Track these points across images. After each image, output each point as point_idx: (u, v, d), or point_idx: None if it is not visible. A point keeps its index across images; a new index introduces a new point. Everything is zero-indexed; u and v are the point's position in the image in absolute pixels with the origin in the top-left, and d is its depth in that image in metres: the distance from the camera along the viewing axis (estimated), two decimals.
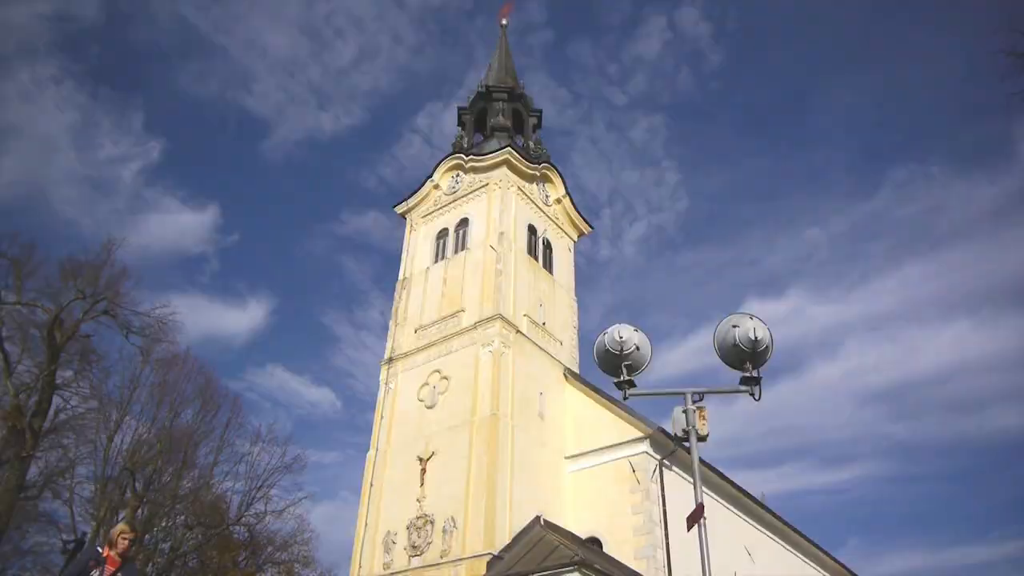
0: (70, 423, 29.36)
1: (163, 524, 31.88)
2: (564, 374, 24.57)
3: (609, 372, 8.89)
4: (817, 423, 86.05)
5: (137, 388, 32.37)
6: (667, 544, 20.39)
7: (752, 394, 8.59)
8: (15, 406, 26.61)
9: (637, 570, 19.71)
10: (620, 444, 21.97)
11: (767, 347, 8.62)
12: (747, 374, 8.63)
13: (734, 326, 8.58)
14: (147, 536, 31.08)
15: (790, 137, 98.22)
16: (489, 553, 18.57)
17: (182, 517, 32.31)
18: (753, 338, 8.35)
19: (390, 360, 24.80)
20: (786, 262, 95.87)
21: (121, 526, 6.32)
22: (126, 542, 6.21)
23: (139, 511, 30.31)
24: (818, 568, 31.43)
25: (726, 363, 8.77)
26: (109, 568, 6.07)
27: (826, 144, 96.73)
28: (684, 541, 19.52)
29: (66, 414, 29.08)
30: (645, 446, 21.65)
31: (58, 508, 30.17)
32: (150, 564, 29.06)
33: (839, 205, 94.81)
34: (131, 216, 74.42)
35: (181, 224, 79.04)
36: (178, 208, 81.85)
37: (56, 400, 28.17)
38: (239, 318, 79.63)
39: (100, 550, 6.16)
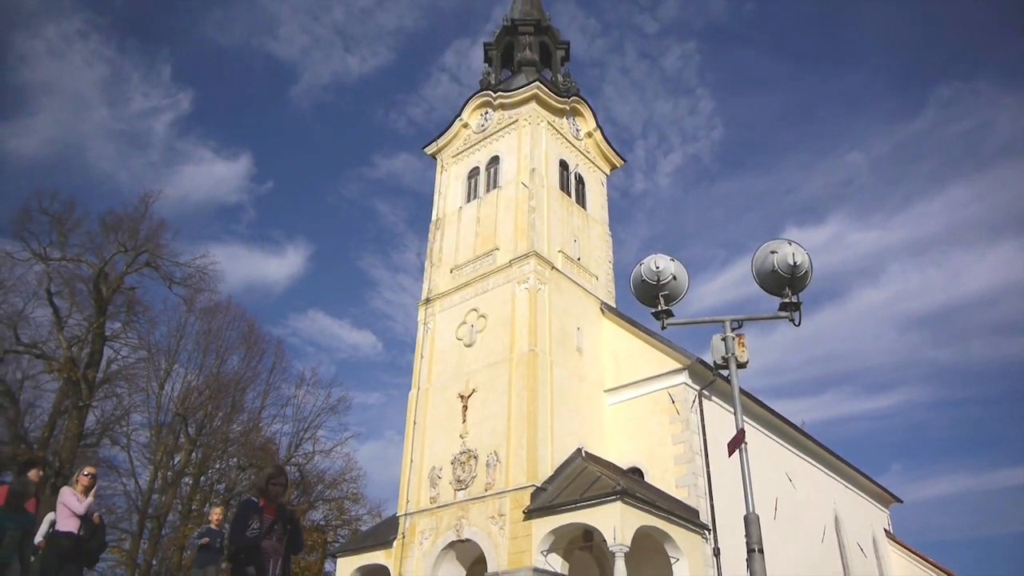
0: (122, 373, 30.37)
1: (217, 466, 33.10)
2: (601, 308, 24.60)
3: (646, 303, 8.86)
4: (859, 350, 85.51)
5: (183, 337, 33.31)
6: (708, 473, 20.62)
7: (792, 320, 8.52)
8: (68, 358, 27.54)
9: (679, 498, 20.01)
10: (659, 376, 22.08)
11: (806, 272, 8.51)
12: (786, 300, 8.55)
13: (772, 252, 8.47)
14: (203, 478, 32.32)
15: (828, 58, 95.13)
16: (532, 485, 18.96)
17: (234, 459, 33.50)
18: (792, 263, 8.24)
19: (427, 301, 25.02)
20: (826, 188, 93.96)
21: (270, 471, 6.14)
22: (278, 487, 6.01)
23: (193, 454, 31.45)
24: (860, 493, 31.60)
25: (765, 290, 8.68)
26: (268, 516, 5.91)
27: (866, 64, 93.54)
28: (725, 469, 19.72)
29: (117, 364, 30.11)
30: (684, 377, 21.74)
31: (117, 454, 31.47)
32: (206, 504, 30.24)
33: (880, 127, 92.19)
34: (166, 168, 75.18)
35: (215, 174, 79.71)
36: (211, 158, 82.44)
37: (107, 351, 29.15)
38: (278, 265, 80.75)
39: (256, 500, 5.98)
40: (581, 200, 26.99)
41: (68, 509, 8.02)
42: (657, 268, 8.33)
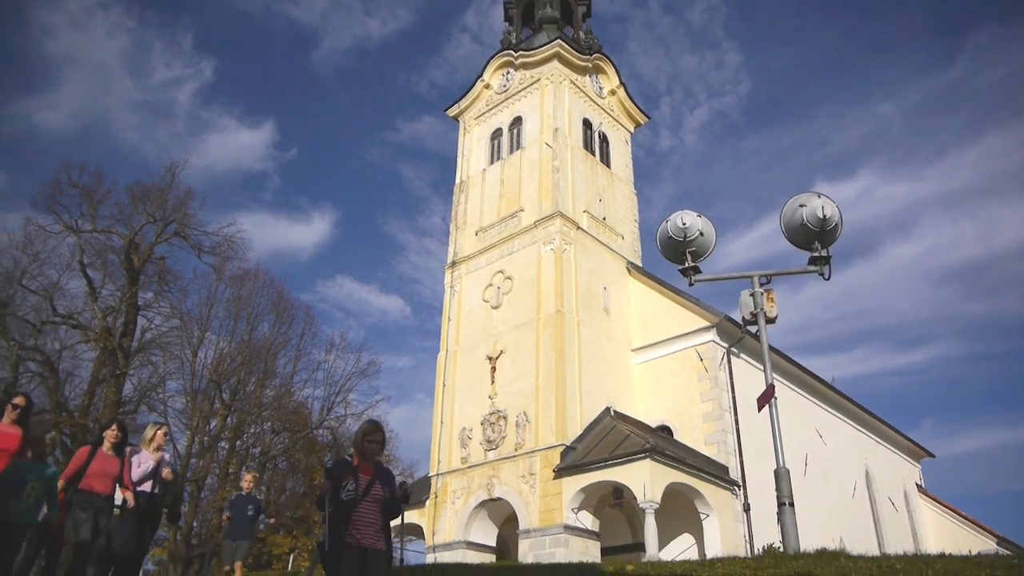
0: (156, 341, 30.90)
1: (252, 430, 33.74)
2: (627, 268, 24.51)
3: (673, 260, 8.83)
4: (890, 305, 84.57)
5: (214, 305, 33.74)
6: (737, 429, 20.66)
7: (822, 274, 8.45)
8: (104, 328, 28.05)
9: (708, 455, 20.08)
10: (687, 334, 22.04)
11: (836, 225, 8.42)
12: (816, 254, 8.47)
13: (801, 205, 8.38)
14: (238, 442, 33.01)
15: (859, 5, 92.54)
16: (562, 444, 19.12)
17: (268, 424, 34.11)
18: (821, 216, 8.15)
19: (453, 264, 25.08)
20: (857, 140, 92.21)
21: (365, 426, 5.52)
22: (374, 444, 5.40)
23: (228, 419, 32.09)
24: (892, 448, 31.47)
25: (794, 244, 8.61)
26: (364, 476, 5.29)
27: (899, 10, 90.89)
28: (754, 426, 19.72)
29: (151, 333, 30.61)
30: (712, 335, 21.67)
31: (153, 419, 32.12)
32: (243, 467, 30.92)
33: (914, 76, 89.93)
34: (191, 138, 75.59)
35: (240, 143, 79.99)
36: (235, 127, 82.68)
37: (141, 320, 29.62)
38: (304, 232, 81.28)
39: (350, 459, 5.44)
40: (605, 159, 26.75)
41: (140, 467, 7.88)
42: (684, 224, 8.29)
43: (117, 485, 7.40)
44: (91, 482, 7.08)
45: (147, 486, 7.87)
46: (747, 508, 19.55)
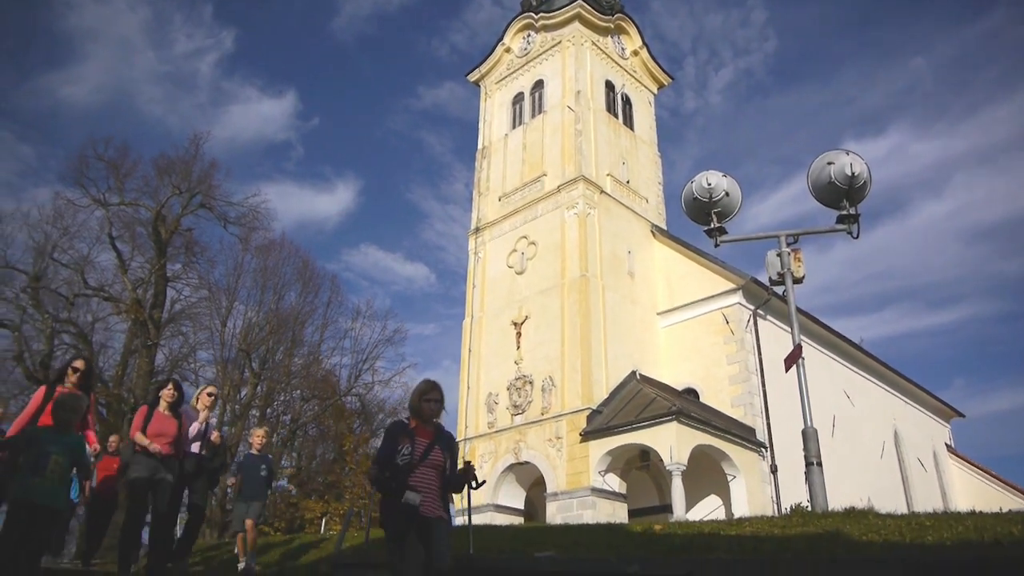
0: (186, 312, 31.33)
1: (282, 398, 34.25)
2: (652, 231, 24.34)
3: (699, 221, 8.75)
4: (920, 265, 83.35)
5: (241, 275, 34.08)
6: (764, 392, 20.59)
7: (850, 232, 8.33)
8: (134, 300, 28.48)
9: (735, 417, 20.07)
10: (712, 297, 21.91)
11: (865, 182, 8.28)
12: (844, 212, 8.35)
13: (829, 163, 8.24)
14: (268, 410, 33.55)
15: None
16: (588, 408, 19.21)
17: (298, 392, 34.58)
18: (850, 173, 8.01)
19: (477, 230, 25.06)
20: (886, 97, 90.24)
21: (422, 385, 5.04)
22: (433, 404, 4.93)
23: (258, 388, 32.60)
24: (921, 409, 31.24)
25: (821, 203, 8.48)
26: (422, 440, 4.83)
27: None
28: (781, 388, 19.63)
29: (181, 304, 31.02)
30: (738, 297, 21.53)
31: (186, 389, 32.67)
32: (275, 435, 31.47)
33: (946, 29, 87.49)
34: (213, 109, 75.78)
35: (262, 113, 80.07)
36: (257, 97, 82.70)
37: (170, 292, 30.00)
38: (329, 201, 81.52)
39: (406, 421, 5.02)
40: (628, 121, 26.43)
41: (189, 428, 7.64)
42: (709, 185, 8.19)
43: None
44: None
45: (195, 447, 7.76)
46: (774, 470, 19.56)
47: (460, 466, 5.09)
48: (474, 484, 5.05)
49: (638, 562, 4.23)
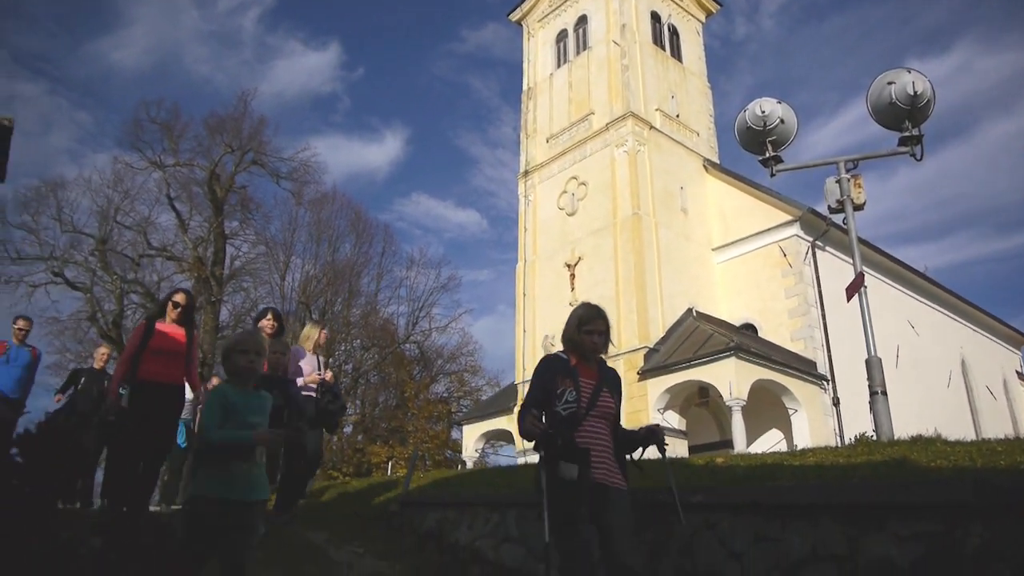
0: (245, 268, 32.15)
1: (342, 348, 35.05)
2: (704, 165, 23.84)
3: (753, 150, 8.53)
4: (988, 188, 79.96)
5: (296, 229, 34.70)
6: (824, 324, 20.24)
7: (913, 154, 8.03)
8: (196, 258, 29.31)
9: (795, 351, 19.84)
10: (768, 230, 21.46)
11: (928, 101, 7.94)
12: (906, 134, 8.04)
13: (890, 83, 7.92)
14: (330, 359, 34.39)
15: None
16: (645, 347, 19.19)
17: (358, 341, 35.34)
18: (912, 93, 7.69)
19: (526, 173, 24.90)
20: (950, 12, 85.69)
21: (580, 312, 4.01)
22: (595, 337, 3.89)
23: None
24: (989, 336, 30.38)
25: (882, 125, 8.18)
26: (586, 381, 3.76)
27: None
28: (842, 320, 19.26)
29: (240, 260, 31.85)
30: (795, 229, 21.05)
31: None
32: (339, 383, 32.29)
33: None
34: (259, 65, 76.04)
35: (307, 66, 79.96)
36: (301, 50, 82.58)
37: (229, 249, 30.80)
38: (378, 152, 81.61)
39: (564, 355, 3.93)
40: (676, 53, 25.68)
41: (301, 365, 7.11)
42: (763, 112, 7.96)
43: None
44: None
45: (311, 390, 7.14)
46: (836, 402, 19.34)
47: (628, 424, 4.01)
48: (665, 448, 3.94)
49: (702, 492, 4.26)
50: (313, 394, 7.05)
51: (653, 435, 3.88)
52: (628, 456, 3.89)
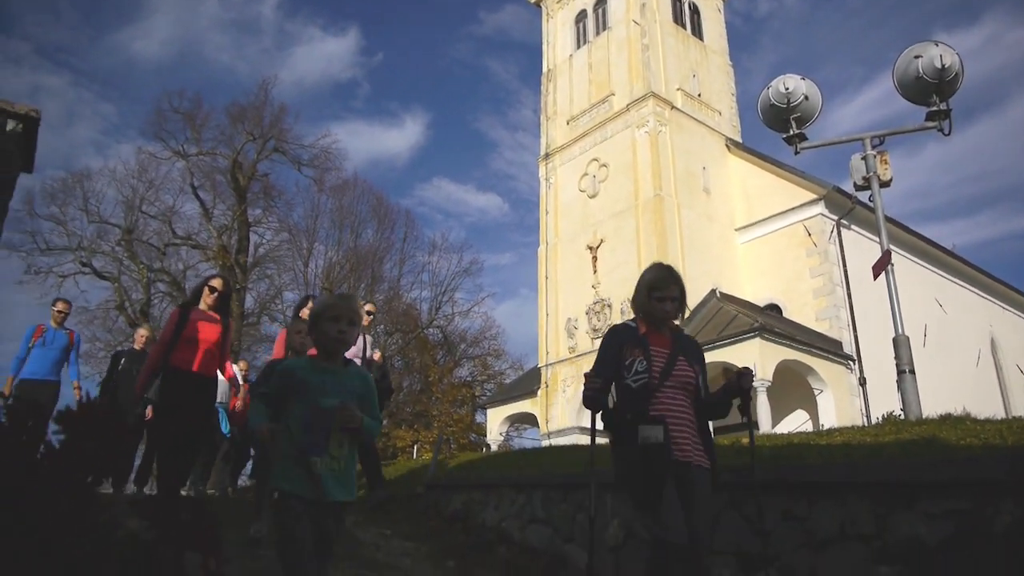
0: (269, 255, 32.38)
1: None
2: (726, 145, 23.61)
3: (777, 128, 8.44)
4: (1018, 163, 78.31)
5: (319, 216, 34.84)
6: (850, 304, 20.04)
7: (941, 129, 7.90)
8: (220, 246, 29.57)
9: (820, 331, 19.67)
10: (792, 209, 21.24)
11: (956, 75, 7.80)
12: (934, 108, 7.90)
13: (916, 56, 7.78)
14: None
15: None
16: None
17: (381, 326, 35.51)
18: (939, 66, 7.55)
19: (546, 156, 24.81)
20: None
21: (649, 277, 3.68)
22: (667, 304, 3.55)
23: None
24: (1020, 313, 29.89)
25: (909, 99, 8.05)
26: (659, 349, 3.43)
27: None
28: (868, 299, 19.07)
29: (264, 248, 32.08)
30: (820, 207, 20.81)
31: (276, 329, 34.03)
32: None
33: None
34: (279, 53, 76.18)
35: (327, 52, 79.99)
36: (321, 37, 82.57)
37: (253, 236, 31.02)
38: (398, 137, 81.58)
39: (633, 324, 3.62)
40: (697, 31, 25.39)
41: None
42: (786, 89, 7.86)
43: None
44: None
45: None
46: (863, 382, 19.17)
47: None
48: (750, 396, 3.54)
49: (728, 471, 4.26)
50: None
51: (744, 379, 3.46)
52: (734, 405, 3.54)
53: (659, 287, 3.57)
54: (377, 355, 7.05)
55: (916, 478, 3.29)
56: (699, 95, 23.74)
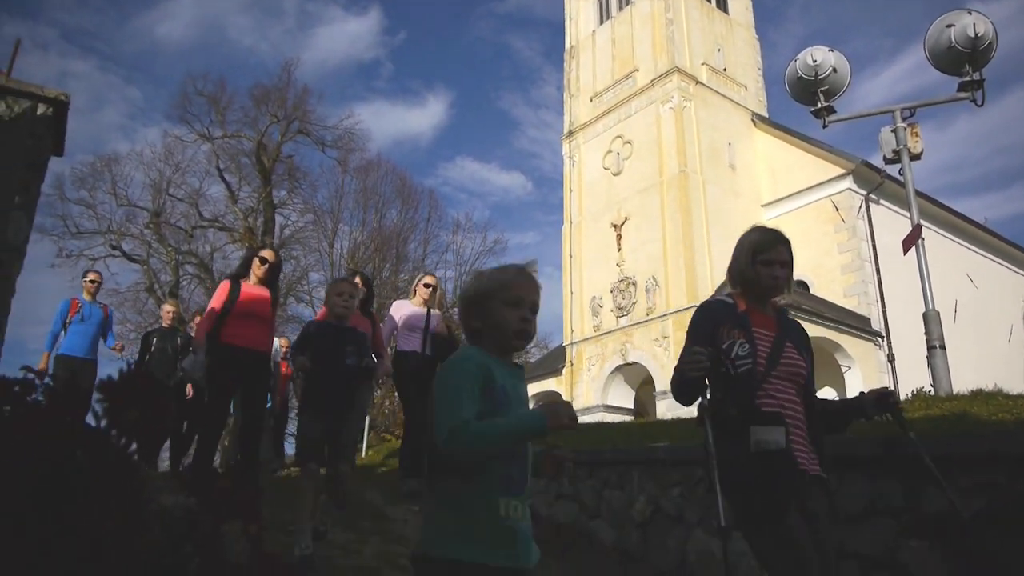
0: (295, 236, 32.59)
1: None
2: (752, 120, 23.31)
3: (804, 101, 8.31)
4: None
5: (343, 197, 34.92)
6: (878, 279, 19.79)
7: (974, 99, 7.74)
8: (246, 228, 29.84)
9: (848, 308, 19.46)
10: (820, 184, 20.96)
11: (990, 43, 7.63)
12: (967, 78, 7.74)
13: (949, 25, 7.62)
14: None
15: None
16: (693, 306, 18.92)
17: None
18: (972, 35, 7.38)
19: (570, 133, 24.66)
20: None
21: (755, 237, 3.02)
22: (779, 271, 2.85)
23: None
24: None
25: (941, 70, 7.89)
26: (763, 333, 2.76)
27: None
28: (897, 274, 18.82)
29: (290, 229, 32.28)
30: (848, 182, 20.51)
31: (302, 310, 34.31)
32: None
33: None
34: (301, 33, 76.19)
35: (348, 32, 79.82)
36: (342, 16, 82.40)
37: (278, 218, 31.24)
38: (421, 116, 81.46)
39: (729, 300, 2.96)
40: (722, 4, 24.99)
41: (403, 318, 6.41)
42: (814, 62, 7.73)
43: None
44: None
45: (416, 344, 6.25)
46: (891, 359, 18.97)
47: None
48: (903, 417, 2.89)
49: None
50: (417, 349, 6.22)
51: (884, 403, 2.76)
52: (882, 416, 2.78)
53: (765, 249, 2.86)
54: (440, 324, 6.43)
55: (949, 452, 3.26)
56: (724, 69, 23.42)
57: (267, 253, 5.52)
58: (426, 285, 6.59)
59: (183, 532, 0.90)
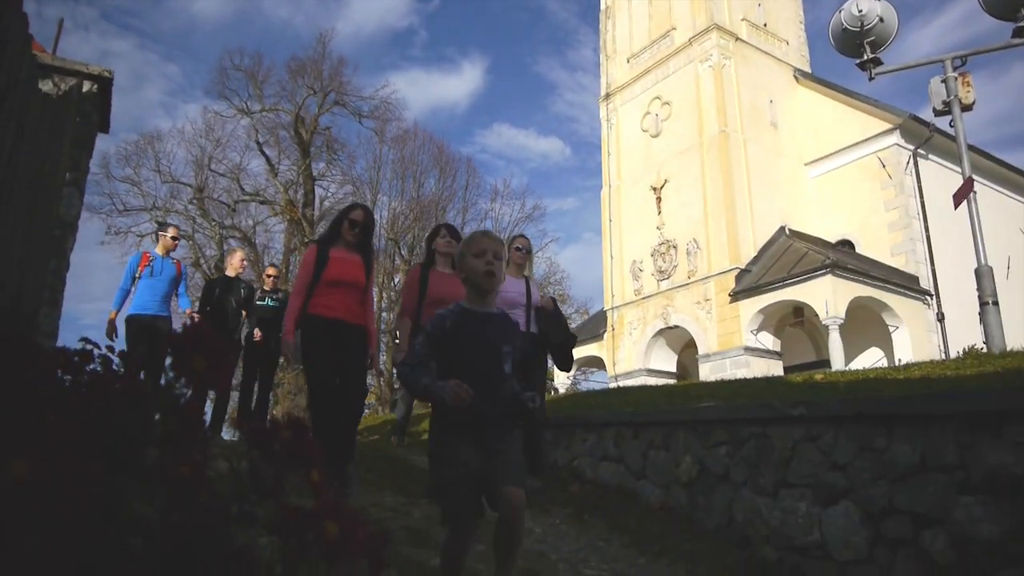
0: (334, 208, 32.86)
1: None
2: (794, 76, 22.72)
3: (849, 54, 8.08)
4: None
5: (381, 167, 35.09)
6: (927, 237, 19.29)
7: None
8: (287, 201, 30.20)
9: (895, 266, 19.05)
10: (866, 140, 20.42)
11: None
12: (1022, 24, 7.43)
13: None
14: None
15: None
16: (736, 268, 18.81)
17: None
18: None
19: (607, 96, 24.34)
20: None
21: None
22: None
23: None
24: None
25: (994, 15, 7.59)
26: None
27: None
28: (947, 231, 18.33)
29: (329, 201, 32.60)
30: (895, 137, 19.94)
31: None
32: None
33: None
34: (335, 3, 76.12)
35: (383, 0, 79.60)
36: None
37: (318, 190, 31.56)
38: (457, 84, 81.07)
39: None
40: None
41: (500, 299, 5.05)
42: (860, 12, 7.49)
43: None
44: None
45: (519, 319, 5.29)
46: (941, 318, 18.57)
47: None
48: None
49: (803, 405, 4.21)
50: (525, 326, 5.42)
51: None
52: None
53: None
54: (545, 299, 5.72)
55: (1005, 406, 3.20)
56: (765, 25, 22.82)
57: (357, 214, 4.89)
58: (517, 248, 5.62)
59: (247, 483, 0.93)
